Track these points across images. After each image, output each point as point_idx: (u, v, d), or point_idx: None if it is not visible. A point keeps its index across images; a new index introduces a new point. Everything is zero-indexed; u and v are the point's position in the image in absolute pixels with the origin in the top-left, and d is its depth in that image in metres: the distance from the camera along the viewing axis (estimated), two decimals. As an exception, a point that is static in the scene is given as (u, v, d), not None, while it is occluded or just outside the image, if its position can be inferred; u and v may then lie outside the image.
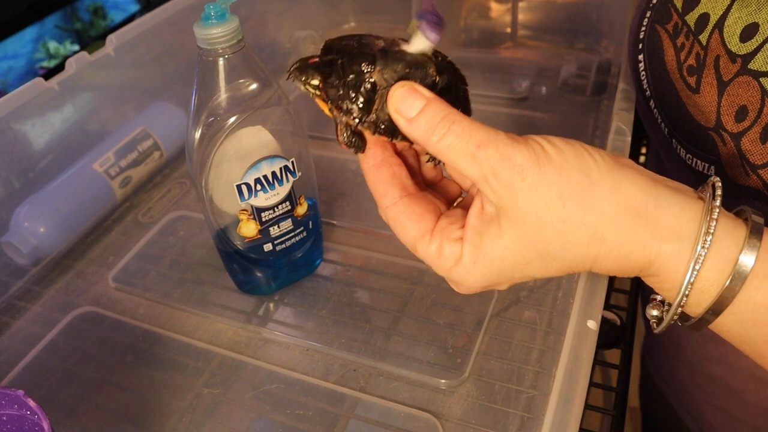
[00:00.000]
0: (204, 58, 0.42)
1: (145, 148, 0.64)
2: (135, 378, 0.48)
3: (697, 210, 0.28)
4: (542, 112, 0.76)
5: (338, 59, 0.31)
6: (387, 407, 0.44)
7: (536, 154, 0.28)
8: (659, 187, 0.28)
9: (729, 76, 0.38)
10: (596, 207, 0.27)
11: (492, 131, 0.29)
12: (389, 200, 0.32)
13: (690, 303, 0.28)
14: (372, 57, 0.30)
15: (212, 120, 0.43)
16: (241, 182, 0.45)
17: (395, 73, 0.30)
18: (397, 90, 0.30)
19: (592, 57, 0.82)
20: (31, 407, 0.33)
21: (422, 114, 0.29)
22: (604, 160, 0.28)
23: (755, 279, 0.27)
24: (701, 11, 0.41)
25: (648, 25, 0.48)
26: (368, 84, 0.30)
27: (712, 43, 0.39)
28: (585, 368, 0.32)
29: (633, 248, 0.28)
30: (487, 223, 0.29)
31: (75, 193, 0.59)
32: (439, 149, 0.29)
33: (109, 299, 0.55)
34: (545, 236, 0.28)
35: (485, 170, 0.28)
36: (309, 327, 0.51)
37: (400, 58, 0.31)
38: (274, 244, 0.50)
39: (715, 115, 0.40)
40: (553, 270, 0.29)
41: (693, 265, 0.27)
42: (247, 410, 0.45)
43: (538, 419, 0.41)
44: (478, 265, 0.29)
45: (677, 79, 0.44)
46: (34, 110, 0.55)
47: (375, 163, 0.33)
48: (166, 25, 0.65)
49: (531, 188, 0.27)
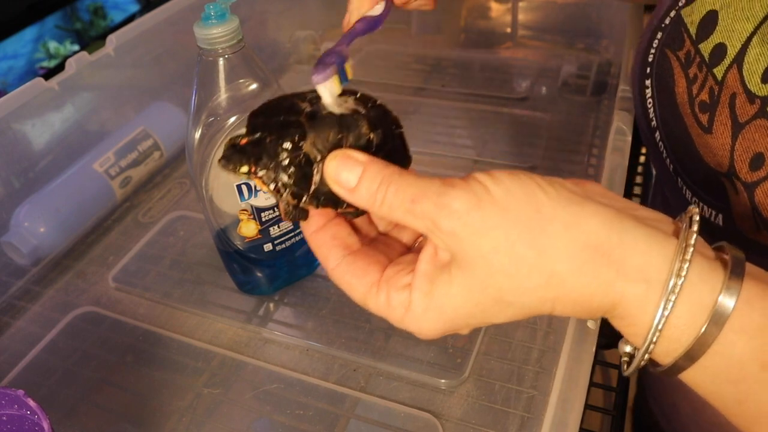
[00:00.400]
0: (204, 58, 0.42)
1: (145, 148, 0.64)
2: (135, 378, 0.48)
3: (668, 248, 0.25)
4: (542, 112, 0.76)
5: (266, 137, 0.29)
6: (387, 407, 0.44)
7: (477, 196, 0.26)
8: (625, 219, 0.25)
9: (746, 117, 0.35)
10: (550, 247, 0.25)
11: (425, 182, 0.26)
12: (332, 263, 0.30)
13: (658, 351, 0.26)
14: (300, 129, 0.29)
15: (212, 120, 0.43)
16: (241, 182, 0.46)
17: (327, 142, 0.29)
18: (331, 162, 0.28)
19: (592, 57, 0.82)
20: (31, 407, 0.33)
21: (361, 183, 0.28)
22: (559, 193, 0.26)
23: (730, 332, 0.24)
24: (717, 41, 0.38)
25: (658, 48, 0.44)
26: (302, 159, 0.29)
27: (728, 79, 0.36)
28: (585, 368, 0.32)
29: (595, 289, 0.25)
30: (439, 270, 0.27)
31: (75, 193, 0.59)
32: (382, 213, 0.28)
33: (109, 299, 0.55)
34: (497, 282, 0.26)
35: (426, 223, 0.26)
36: (309, 327, 0.51)
37: (330, 122, 0.29)
38: (274, 244, 0.50)
39: (728, 160, 0.36)
40: (511, 315, 0.27)
41: (661, 311, 0.24)
42: (247, 410, 0.45)
43: (538, 419, 0.41)
44: (429, 313, 0.27)
45: (688, 115, 0.40)
46: (34, 110, 0.55)
47: (316, 229, 0.31)
48: (166, 25, 0.65)
49: (475, 233, 0.25)
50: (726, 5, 0.38)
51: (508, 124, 0.75)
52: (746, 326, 0.24)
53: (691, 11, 0.41)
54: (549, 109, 0.76)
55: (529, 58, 0.87)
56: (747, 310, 0.24)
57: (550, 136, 0.72)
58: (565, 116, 0.75)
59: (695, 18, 0.40)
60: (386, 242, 0.33)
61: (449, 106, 0.78)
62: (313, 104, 0.30)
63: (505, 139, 0.72)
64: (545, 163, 0.67)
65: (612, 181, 0.43)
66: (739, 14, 0.37)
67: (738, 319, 0.24)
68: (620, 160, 0.45)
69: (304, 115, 0.29)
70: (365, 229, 0.33)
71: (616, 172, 0.44)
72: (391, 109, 0.32)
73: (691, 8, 0.41)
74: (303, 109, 0.30)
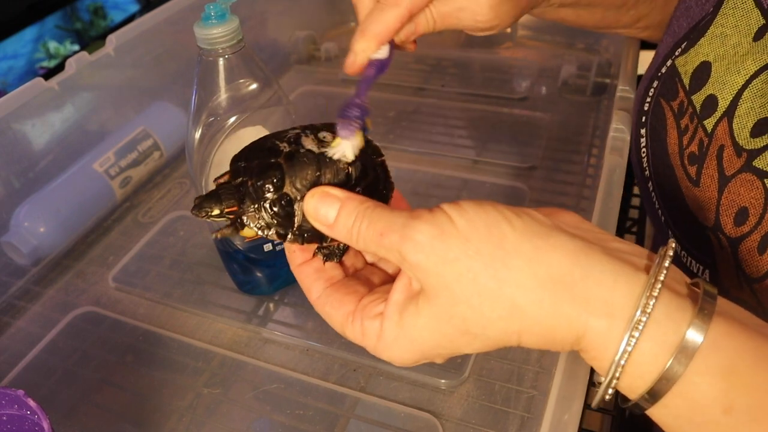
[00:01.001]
0: (204, 58, 0.42)
1: (145, 148, 0.64)
2: (135, 378, 0.48)
3: (635, 283, 0.24)
4: (542, 112, 0.76)
5: (247, 181, 0.30)
6: (387, 407, 0.44)
7: (440, 227, 0.26)
8: (592, 253, 0.25)
9: (732, 171, 0.35)
10: (512, 279, 0.25)
11: (393, 215, 0.27)
12: (314, 294, 0.32)
13: (624, 386, 0.25)
14: (279, 170, 0.30)
15: (212, 120, 0.43)
16: (241, 182, 0.45)
17: (306, 181, 0.30)
18: (310, 201, 0.29)
19: (592, 57, 0.82)
20: (31, 407, 0.33)
21: (338, 218, 0.29)
22: (526, 225, 0.26)
23: (694, 374, 0.24)
24: (708, 92, 0.38)
25: (654, 97, 0.44)
26: (283, 201, 0.30)
27: (718, 131, 0.36)
28: (585, 368, 0.32)
29: (557, 323, 0.25)
30: (409, 299, 0.28)
31: (75, 193, 0.59)
32: (359, 247, 0.28)
33: (109, 299, 0.55)
34: (461, 312, 0.26)
35: (394, 255, 0.27)
36: (309, 327, 0.51)
37: (308, 161, 0.30)
38: (274, 244, 0.50)
39: (714, 214, 0.36)
40: (479, 346, 0.27)
41: (623, 346, 0.24)
42: (247, 410, 0.45)
43: (538, 419, 0.41)
44: (399, 341, 0.28)
45: (678, 166, 0.40)
46: (34, 110, 0.55)
47: (300, 262, 0.33)
48: (166, 25, 0.65)
49: (438, 263, 0.26)
50: (720, 57, 0.38)
51: (508, 124, 0.75)
52: (711, 368, 0.24)
53: (685, 61, 0.41)
54: (549, 109, 0.76)
55: (529, 58, 0.87)
56: (713, 350, 0.24)
57: (550, 136, 0.72)
58: (565, 116, 0.75)
59: (689, 68, 0.40)
60: (371, 273, 0.33)
61: (449, 106, 0.79)
62: (291, 144, 0.31)
63: (505, 139, 0.72)
64: (545, 163, 0.67)
65: (611, 180, 0.43)
66: (731, 67, 0.36)
67: (702, 360, 0.23)
68: (619, 160, 0.45)
69: (282, 156, 0.30)
70: (351, 261, 0.33)
71: (615, 172, 0.44)
72: (370, 138, 0.33)
73: (685, 58, 0.41)
74: (282, 150, 0.31)
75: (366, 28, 0.36)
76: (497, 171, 0.67)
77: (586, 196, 0.63)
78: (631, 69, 0.57)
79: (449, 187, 0.66)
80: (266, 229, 0.31)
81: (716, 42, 0.38)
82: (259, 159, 0.31)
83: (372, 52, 0.36)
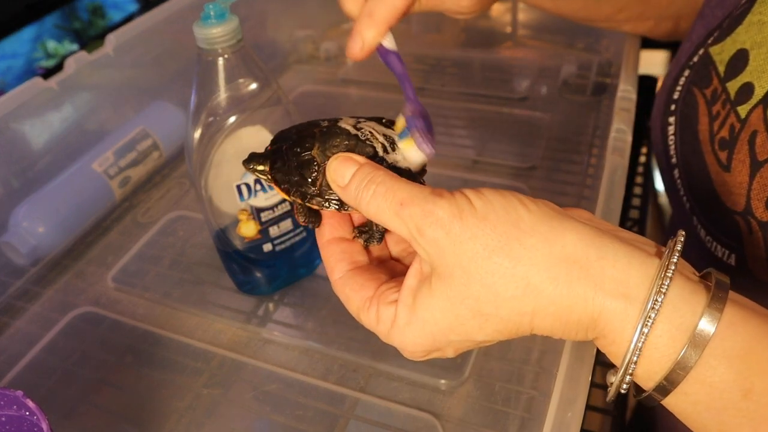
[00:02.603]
0: (203, 58, 0.42)
1: (144, 148, 0.64)
2: (134, 378, 0.47)
3: (649, 266, 0.25)
4: (542, 112, 0.76)
5: (283, 146, 0.33)
6: (387, 407, 0.44)
7: (459, 207, 0.26)
8: (605, 237, 0.26)
9: (765, 155, 0.35)
10: (527, 257, 0.25)
11: (416, 188, 0.27)
12: (336, 274, 0.32)
13: (640, 374, 0.25)
14: (311, 137, 0.32)
15: (212, 120, 0.43)
16: (241, 182, 0.45)
17: (335, 148, 0.31)
18: (332, 162, 0.30)
19: (592, 57, 0.82)
20: (30, 408, 0.32)
21: (352, 180, 0.29)
22: (541, 210, 0.26)
23: (711, 357, 0.24)
24: (745, 80, 0.37)
25: (685, 86, 0.44)
26: (309, 163, 0.31)
27: (752, 117, 0.36)
28: (586, 368, 0.32)
29: (573, 301, 0.25)
30: (421, 282, 0.28)
31: (74, 193, 0.58)
32: (369, 213, 0.28)
33: (108, 299, 0.54)
34: (474, 291, 0.26)
35: (411, 228, 0.27)
36: (309, 327, 0.51)
37: (339, 133, 0.32)
38: (274, 244, 0.50)
39: (745, 199, 0.36)
40: (491, 331, 0.27)
41: (640, 327, 0.24)
42: (247, 411, 0.45)
43: (538, 420, 0.41)
44: (411, 326, 0.28)
45: (708, 152, 0.40)
46: (33, 110, 0.54)
47: (329, 239, 0.33)
48: (165, 25, 0.65)
49: (455, 242, 0.26)
50: (757, 45, 0.37)
51: (508, 124, 0.75)
52: (728, 351, 0.24)
53: (720, 50, 0.41)
54: (549, 109, 0.76)
55: (529, 58, 0.87)
56: (729, 334, 0.24)
57: (550, 136, 0.71)
58: (565, 116, 0.75)
59: (725, 56, 0.40)
60: (394, 266, 0.33)
61: (449, 106, 0.78)
62: (331, 125, 0.33)
63: (505, 139, 0.72)
64: (545, 163, 0.67)
65: (612, 181, 0.43)
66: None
67: (719, 343, 0.24)
68: (620, 160, 0.45)
69: (319, 129, 0.32)
70: (378, 252, 0.33)
71: (617, 172, 0.44)
72: None
73: (720, 47, 0.41)
74: (321, 125, 0.33)
75: (373, 11, 0.35)
76: (497, 171, 0.67)
77: (586, 196, 0.62)
78: (632, 70, 0.57)
79: (449, 187, 0.64)
80: (290, 189, 0.32)
81: (753, 29, 0.38)
82: (298, 131, 0.33)
83: (381, 37, 0.35)
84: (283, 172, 0.32)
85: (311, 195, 0.31)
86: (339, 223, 0.33)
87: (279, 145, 0.33)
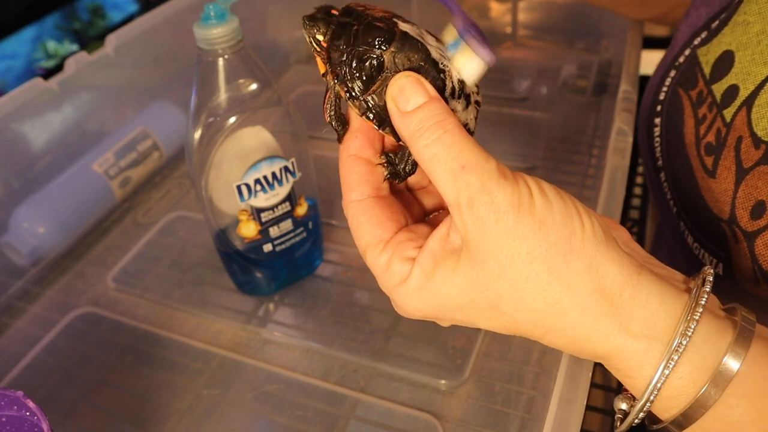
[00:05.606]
0: (203, 59, 0.42)
1: (144, 149, 0.64)
2: (134, 379, 0.47)
3: (678, 306, 0.25)
4: (542, 112, 0.76)
5: (354, 25, 0.28)
6: (387, 408, 0.44)
7: (520, 198, 0.24)
8: (643, 274, 0.25)
9: (749, 163, 0.34)
10: (565, 278, 0.24)
11: (484, 156, 0.25)
12: (356, 195, 0.29)
13: (656, 406, 0.25)
14: (389, 35, 0.27)
15: (212, 120, 0.43)
16: (241, 183, 0.45)
17: (408, 62, 0.27)
18: (401, 78, 0.27)
19: (593, 57, 0.82)
20: (31, 408, 0.32)
21: (418, 111, 0.26)
22: (594, 228, 0.25)
23: (732, 396, 0.23)
24: (730, 82, 0.37)
25: (670, 86, 0.43)
26: (375, 61, 0.27)
27: (736, 121, 0.35)
28: (586, 369, 0.32)
29: (594, 333, 0.25)
30: (447, 253, 0.26)
31: (74, 193, 0.58)
32: (423, 156, 0.26)
33: (108, 300, 0.54)
34: (500, 288, 0.25)
35: (462, 196, 0.25)
36: (309, 327, 0.51)
37: (420, 49, 0.27)
38: (274, 244, 0.50)
39: (730, 207, 0.35)
40: (499, 325, 0.27)
41: (661, 369, 0.24)
42: (247, 411, 0.45)
43: (538, 420, 0.41)
44: (422, 292, 0.27)
45: (694, 157, 0.39)
46: (33, 110, 0.54)
47: (355, 154, 0.29)
48: (165, 25, 0.65)
49: (502, 233, 0.24)
50: (743, 46, 0.37)
51: (508, 124, 0.75)
52: (749, 391, 0.24)
53: (707, 51, 0.40)
54: (549, 109, 0.76)
55: (529, 58, 0.87)
56: (751, 373, 0.24)
57: (551, 137, 0.71)
58: (566, 116, 0.75)
59: (710, 58, 0.40)
60: (410, 200, 0.31)
61: (449, 106, 0.78)
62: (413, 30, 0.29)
63: (505, 139, 0.72)
64: (545, 163, 0.67)
65: (613, 181, 0.43)
66: (757, 57, 0.36)
67: (741, 383, 0.23)
68: (621, 161, 0.45)
69: (399, 29, 0.28)
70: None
71: (618, 173, 0.44)
72: None
73: (707, 48, 0.40)
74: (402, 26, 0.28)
75: None
76: (497, 171, 0.67)
77: (586, 197, 0.62)
78: (633, 70, 0.57)
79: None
80: (339, 76, 0.28)
81: (739, 30, 0.37)
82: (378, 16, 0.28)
83: None
84: (342, 53, 0.28)
85: (356, 95, 0.28)
86: (369, 143, 0.30)
87: (350, 21, 0.28)
